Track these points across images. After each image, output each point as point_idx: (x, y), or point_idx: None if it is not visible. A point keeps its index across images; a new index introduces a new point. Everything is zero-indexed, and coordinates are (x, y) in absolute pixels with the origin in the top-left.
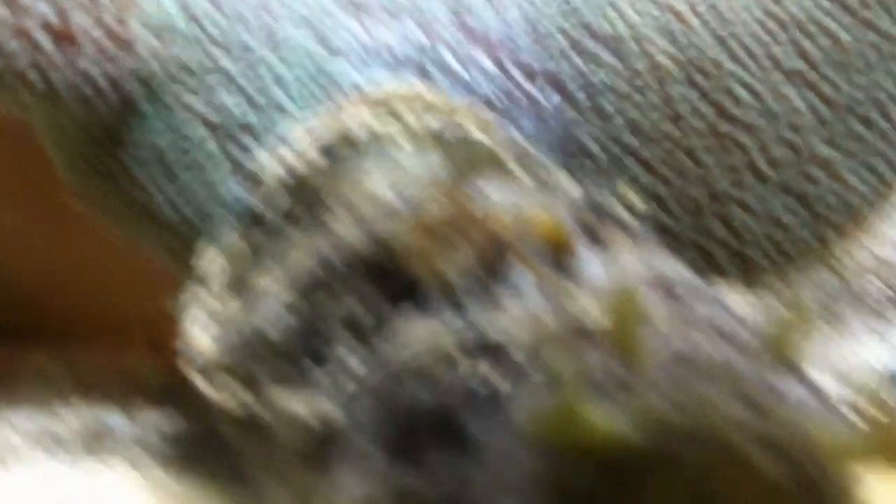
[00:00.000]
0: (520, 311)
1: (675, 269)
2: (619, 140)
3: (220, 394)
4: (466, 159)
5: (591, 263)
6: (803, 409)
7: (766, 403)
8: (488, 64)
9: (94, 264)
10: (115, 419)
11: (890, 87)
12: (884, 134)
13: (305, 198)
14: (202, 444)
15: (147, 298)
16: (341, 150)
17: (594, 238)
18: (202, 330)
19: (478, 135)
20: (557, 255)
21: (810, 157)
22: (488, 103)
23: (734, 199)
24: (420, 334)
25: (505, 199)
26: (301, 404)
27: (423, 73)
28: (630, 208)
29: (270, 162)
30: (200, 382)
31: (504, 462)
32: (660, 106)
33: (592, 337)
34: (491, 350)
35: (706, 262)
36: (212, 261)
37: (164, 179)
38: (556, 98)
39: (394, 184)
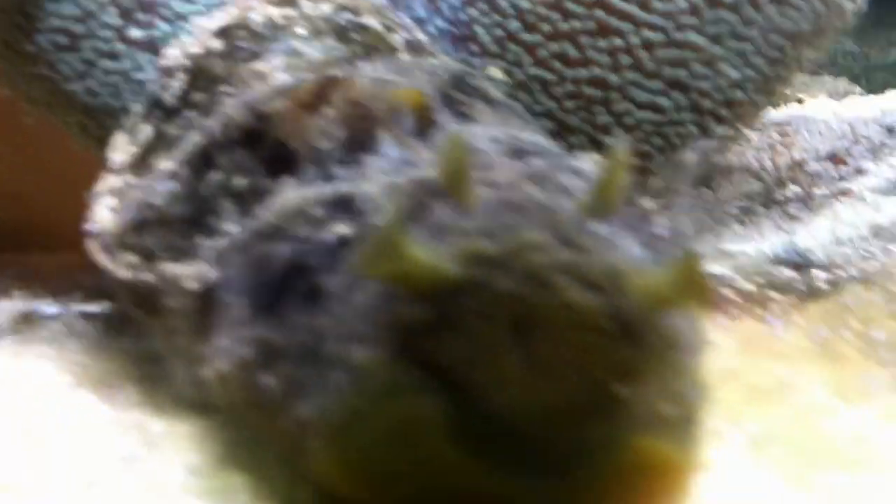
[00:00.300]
0: (377, 171)
1: (531, 137)
2: (505, 26)
3: (120, 267)
4: (358, 44)
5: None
6: (619, 250)
7: (582, 242)
8: None
9: (51, 178)
10: (45, 307)
11: None
12: (754, 24)
13: (203, 82)
14: (121, 326)
15: None
16: (240, 37)
17: (456, 110)
18: (106, 208)
19: (371, 21)
20: (421, 125)
21: (685, 46)
22: None
23: (615, 85)
24: (288, 196)
25: (378, 76)
26: (186, 270)
27: None
28: (497, 85)
29: (173, 48)
30: (102, 257)
31: (348, 307)
32: None
33: (431, 188)
34: (346, 206)
35: (595, 149)
36: (119, 144)
37: (76, 59)
38: None
39: (285, 66)
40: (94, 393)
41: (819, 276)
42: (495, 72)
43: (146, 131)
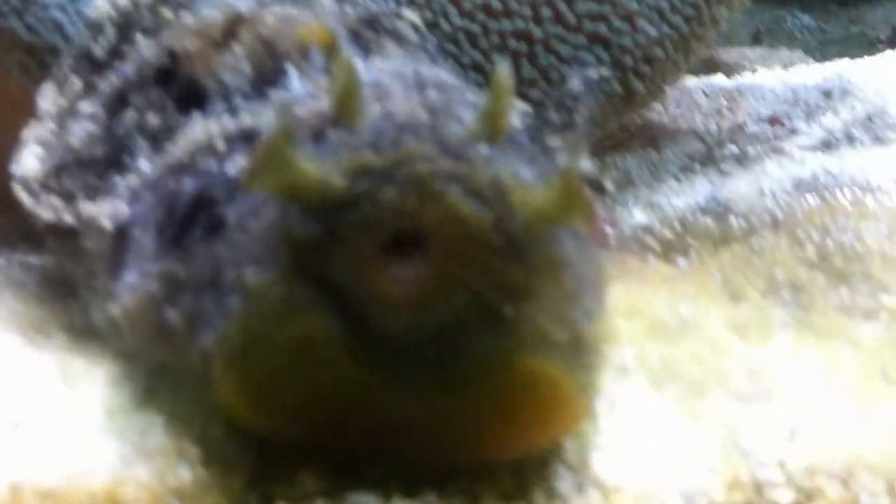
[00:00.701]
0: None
1: (435, 73)
2: None
3: (43, 209)
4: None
5: None
6: (504, 167)
7: (467, 156)
8: None
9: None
10: None
11: None
12: None
13: (131, 34)
14: (57, 275)
15: None
16: None
17: (364, 47)
18: (31, 155)
19: None
20: (329, 62)
21: (604, 0)
22: None
23: (537, 39)
24: (194, 131)
25: (286, 13)
26: (102, 209)
27: None
28: (413, 27)
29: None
30: (27, 201)
31: (245, 232)
32: None
33: (329, 118)
34: (249, 138)
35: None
36: (48, 93)
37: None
38: None
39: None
40: (22, 337)
41: (735, 223)
42: (409, 13)
43: (75, 84)
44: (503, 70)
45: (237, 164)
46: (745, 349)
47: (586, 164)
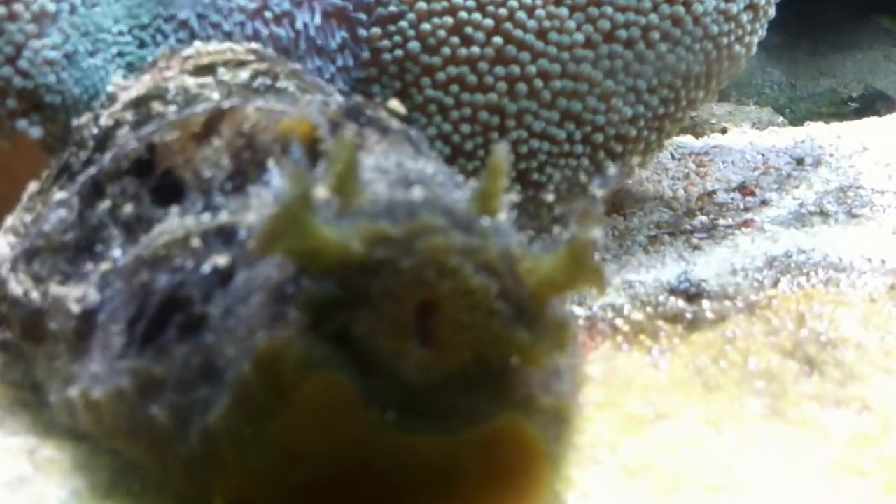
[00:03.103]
0: (259, 199)
1: (419, 166)
2: (406, 47)
3: (11, 291)
4: None
5: None
6: (507, 241)
7: (477, 228)
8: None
9: None
10: None
11: (654, 18)
12: (647, 61)
13: (110, 145)
14: (18, 354)
15: None
16: (155, 108)
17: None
18: (5, 243)
19: (287, 84)
20: (311, 155)
21: (580, 79)
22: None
23: (510, 113)
24: (170, 226)
25: (267, 106)
26: (71, 292)
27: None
28: (394, 115)
29: (86, 118)
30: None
31: (237, 317)
32: (446, 20)
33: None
34: (226, 236)
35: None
36: (30, 189)
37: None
38: None
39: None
40: None
41: (707, 306)
42: (395, 104)
43: (54, 193)
44: (501, 152)
45: (212, 263)
46: (718, 440)
47: (598, 234)
